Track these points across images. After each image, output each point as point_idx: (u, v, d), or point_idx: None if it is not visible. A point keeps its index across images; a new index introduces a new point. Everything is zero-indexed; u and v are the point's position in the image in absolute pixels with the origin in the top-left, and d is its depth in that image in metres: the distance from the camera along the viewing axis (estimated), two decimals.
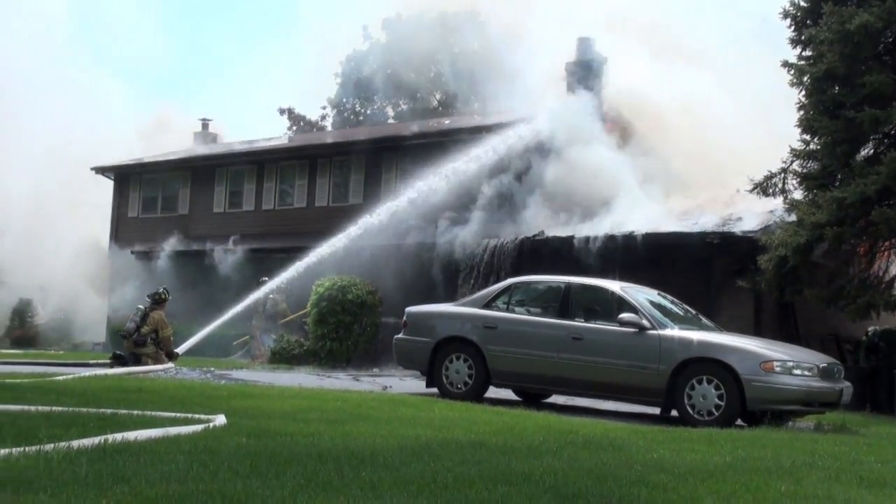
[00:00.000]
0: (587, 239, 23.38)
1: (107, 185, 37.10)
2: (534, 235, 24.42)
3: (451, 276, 25.47)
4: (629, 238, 22.77)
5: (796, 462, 7.81)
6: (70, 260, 32.84)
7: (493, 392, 14.72)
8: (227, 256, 31.15)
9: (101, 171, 36.77)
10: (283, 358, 25.54)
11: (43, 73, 43.89)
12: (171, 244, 33.11)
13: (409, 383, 17.65)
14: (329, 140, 33.46)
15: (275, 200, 32.62)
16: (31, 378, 13.15)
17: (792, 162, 19.39)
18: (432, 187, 25.67)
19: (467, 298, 15.95)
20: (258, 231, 31.55)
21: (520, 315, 14.46)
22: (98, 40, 67.96)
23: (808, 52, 19.03)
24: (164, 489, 5.23)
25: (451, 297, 19.72)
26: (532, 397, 15.25)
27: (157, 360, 19.43)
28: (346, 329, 25.31)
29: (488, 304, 14.65)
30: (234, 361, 25.24)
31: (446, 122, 33.01)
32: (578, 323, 13.78)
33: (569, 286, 14.28)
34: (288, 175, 32.41)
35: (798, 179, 19.26)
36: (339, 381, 18.12)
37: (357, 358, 25.17)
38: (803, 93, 18.85)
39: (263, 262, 29.46)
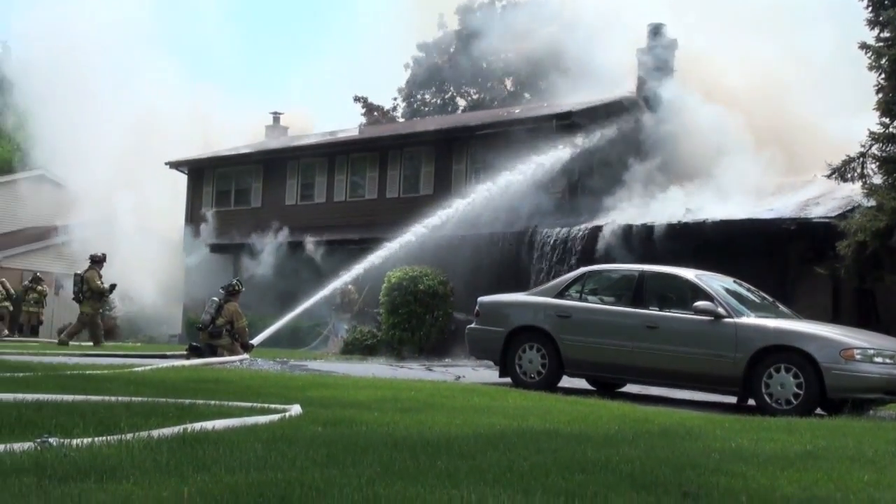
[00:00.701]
0: (659, 227, 23.17)
1: (181, 180, 37.47)
2: (607, 223, 24.31)
3: (524, 266, 25.34)
4: (701, 225, 22.52)
5: (878, 451, 7.64)
6: (145, 254, 32.99)
7: (566, 381, 14.64)
8: (300, 248, 31.26)
9: (175, 165, 37.17)
10: (355, 348, 25.75)
11: (121, 64, 44.32)
12: (244, 237, 33.26)
13: (481, 373, 17.54)
14: (399, 131, 33.46)
15: (346, 192, 32.67)
16: (111, 369, 13.30)
17: (871, 146, 19.05)
18: (510, 178, 25.57)
19: (540, 287, 15.92)
20: (330, 223, 31.63)
21: (593, 304, 14.38)
22: (170, 31, 68.27)
23: (886, 34, 18.69)
24: (243, 477, 5.26)
25: (523, 287, 19.52)
26: (606, 386, 15.15)
27: (232, 352, 19.51)
28: (417, 319, 25.37)
29: (561, 294, 14.60)
30: (309, 352, 25.37)
31: (517, 111, 32.83)
32: (653, 311, 13.65)
33: (642, 274, 14.15)
34: (359, 167, 32.45)
35: (877, 163, 18.89)
36: (412, 371, 18.06)
37: (429, 348, 25.16)
38: (882, 75, 18.49)
39: (335, 254, 29.53)
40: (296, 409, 8.58)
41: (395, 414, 8.93)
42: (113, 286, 23.43)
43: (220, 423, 7.26)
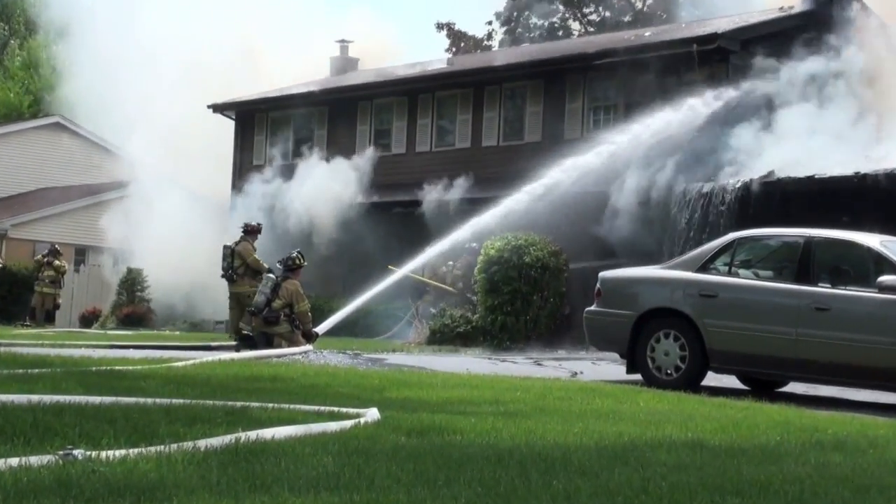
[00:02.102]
0: (832, 180, 22.88)
1: (227, 127, 37.74)
2: (762, 177, 24.12)
3: (657, 233, 25.35)
4: (889, 178, 22.13)
5: None
6: (186, 221, 33.45)
7: (711, 378, 14.61)
8: (376, 212, 31.51)
9: (220, 109, 37.60)
10: (445, 337, 25.84)
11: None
12: (306, 197, 32.94)
13: (604, 368, 17.63)
14: (498, 62, 33.35)
15: (431, 140, 32.81)
16: (145, 364, 13.50)
17: None
18: (644, 120, 25.67)
19: (678, 259, 15.93)
20: (411, 179, 31.54)
21: (746, 280, 14.33)
22: None
23: None
24: (311, 499, 5.32)
25: (656, 259, 19.64)
26: (763, 385, 15.10)
27: (291, 342, 19.73)
28: (523, 300, 25.32)
29: (705, 267, 14.58)
30: (386, 342, 25.59)
31: (647, 34, 32.60)
32: (823, 289, 13.54)
33: (810, 242, 14.01)
34: (447, 108, 32.63)
35: None
36: (517, 365, 18.17)
37: (537, 336, 25.17)
38: None
39: (419, 219, 29.72)
40: (372, 414, 8.70)
41: (498, 420, 8.98)
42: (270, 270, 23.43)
43: (279, 432, 7.39)
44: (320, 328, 22.18)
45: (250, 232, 23.70)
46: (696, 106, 25.58)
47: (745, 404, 11.86)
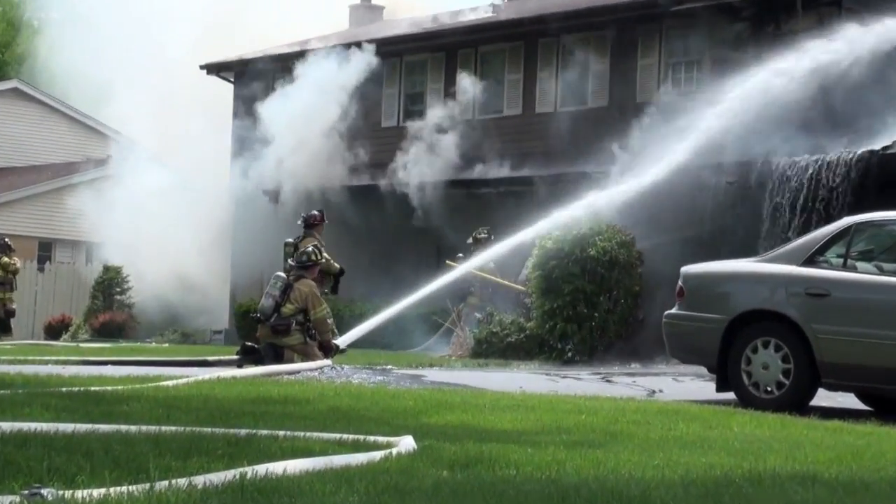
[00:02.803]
0: None
1: (225, 92, 37.56)
2: (885, 148, 24.09)
3: (751, 218, 25.29)
4: None
5: None
6: (174, 208, 33.74)
7: (822, 396, 14.54)
8: (406, 195, 31.38)
9: (216, 69, 37.63)
10: (493, 348, 25.80)
11: None
12: (321, 177, 33.09)
13: (688, 385, 17.68)
14: (555, 10, 32.79)
15: (474, 107, 32.54)
16: (128, 383, 13.56)
17: None
18: (741, 85, 25.47)
19: (779, 250, 15.84)
20: (449, 153, 31.48)
21: (866, 275, 14.27)
22: None
23: None
24: None
25: (749, 251, 19.47)
26: (888, 405, 14.98)
27: (306, 356, 19.85)
28: (587, 302, 25.19)
29: (813, 259, 14.55)
30: (421, 355, 25.68)
31: None
32: None
33: None
34: (493, 66, 32.55)
35: None
36: (581, 382, 18.24)
37: (606, 346, 25.12)
38: None
39: (461, 204, 29.62)
40: (407, 444, 8.71)
41: (560, 450, 9.00)
42: (342, 270, 23.85)
43: (293, 465, 7.35)
44: (343, 340, 22.23)
45: (313, 224, 23.60)
46: (800, 61, 25.39)
47: (866, 429, 11.76)
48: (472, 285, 27.63)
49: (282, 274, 20.56)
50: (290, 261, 21.98)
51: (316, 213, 23.96)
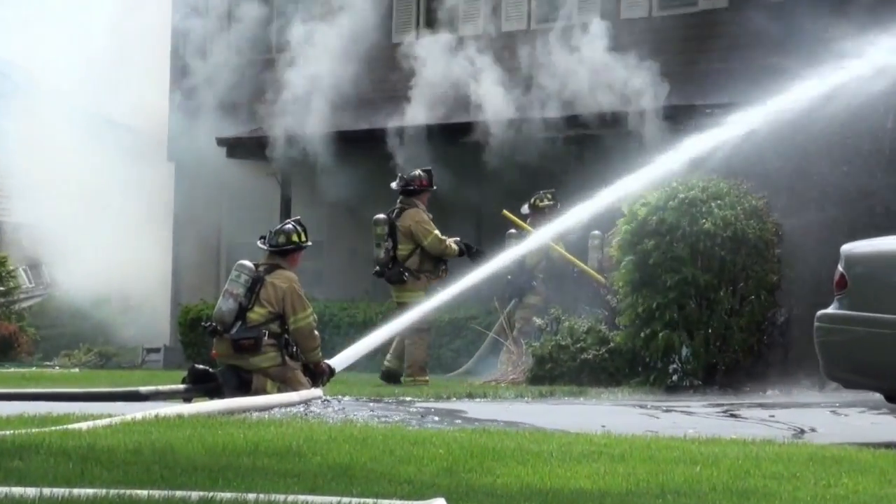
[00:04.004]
0: None
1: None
2: None
3: None
4: None
5: None
6: (91, 164, 31.60)
7: None
8: (430, 143, 28.81)
9: None
10: (561, 369, 23.24)
11: None
12: (305, 121, 30.57)
13: (853, 421, 16.52)
14: None
15: (528, 14, 30.42)
16: (22, 426, 12.47)
17: None
18: None
19: None
20: (499, 86, 29.06)
21: None
22: None
23: None
24: None
25: None
26: None
27: (286, 383, 18.20)
28: (701, 300, 22.93)
29: None
30: (459, 380, 23.60)
31: None
32: None
33: None
34: None
35: None
36: (694, 417, 17.08)
37: (729, 364, 22.84)
38: None
39: (509, 154, 27.16)
40: None
41: None
42: (469, 248, 22.36)
43: None
44: (338, 361, 19.94)
45: (416, 191, 22.00)
46: None
47: None
48: (535, 277, 25.10)
49: (247, 263, 18.59)
50: (383, 246, 21.58)
51: (420, 173, 22.30)
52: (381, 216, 21.97)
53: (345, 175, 29.23)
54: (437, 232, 21.82)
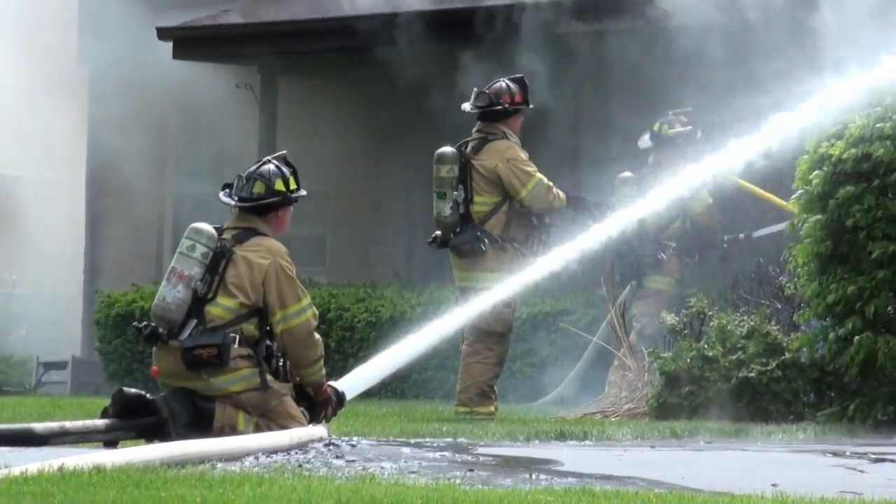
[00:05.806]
0: None
1: None
2: None
3: None
4: None
5: None
6: None
7: None
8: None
9: None
10: (705, 394, 18.70)
11: None
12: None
13: None
14: None
15: None
16: None
17: None
18: None
19: None
20: None
21: None
22: None
23: None
24: None
25: None
26: None
27: (268, 415, 14.43)
28: None
29: None
30: (542, 413, 19.23)
31: None
32: None
33: None
34: None
35: None
36: None
37: None
38: None
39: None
40: None
41: None
42: (582, 200, 18.53)
43: None
44: (350, 382, 15.68)
45: (504, 112, 18.01)
46: None
47: None
48: (663, 248, 20.64)
49: (205, 227, 14.31)
50: (449, 197, 17.78)
51: (509, 85, 18.23)
52: (449, 149, 17.34)
53: (369, 81, 23.85)
54: (541, 175, 17.23)
